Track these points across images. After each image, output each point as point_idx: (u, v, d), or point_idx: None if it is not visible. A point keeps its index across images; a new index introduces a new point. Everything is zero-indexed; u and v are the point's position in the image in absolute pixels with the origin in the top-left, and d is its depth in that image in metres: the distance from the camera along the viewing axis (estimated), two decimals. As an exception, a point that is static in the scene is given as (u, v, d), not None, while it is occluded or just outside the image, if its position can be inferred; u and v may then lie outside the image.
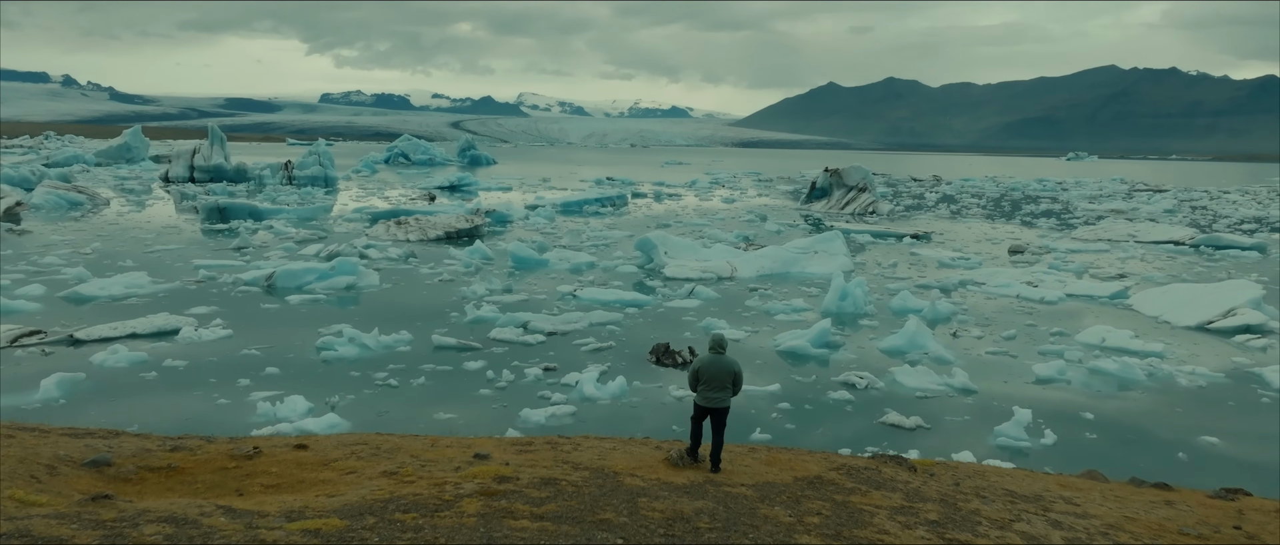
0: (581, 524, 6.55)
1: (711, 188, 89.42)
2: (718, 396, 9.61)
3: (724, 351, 9.58)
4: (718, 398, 9.61)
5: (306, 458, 8.50)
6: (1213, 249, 41.88)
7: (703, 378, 9.54)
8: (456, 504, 6.79)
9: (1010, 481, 8.58)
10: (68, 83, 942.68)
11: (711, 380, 9.59)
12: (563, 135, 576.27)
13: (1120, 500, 7.99)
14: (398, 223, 40.48)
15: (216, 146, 77.36)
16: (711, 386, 9.60)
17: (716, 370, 9.63)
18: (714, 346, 9.32)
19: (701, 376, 9.40)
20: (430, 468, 7.99)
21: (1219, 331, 22.64)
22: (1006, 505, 7.77)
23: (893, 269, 33.90)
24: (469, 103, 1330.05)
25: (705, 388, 9.61)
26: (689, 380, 9.45)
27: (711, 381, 9.59)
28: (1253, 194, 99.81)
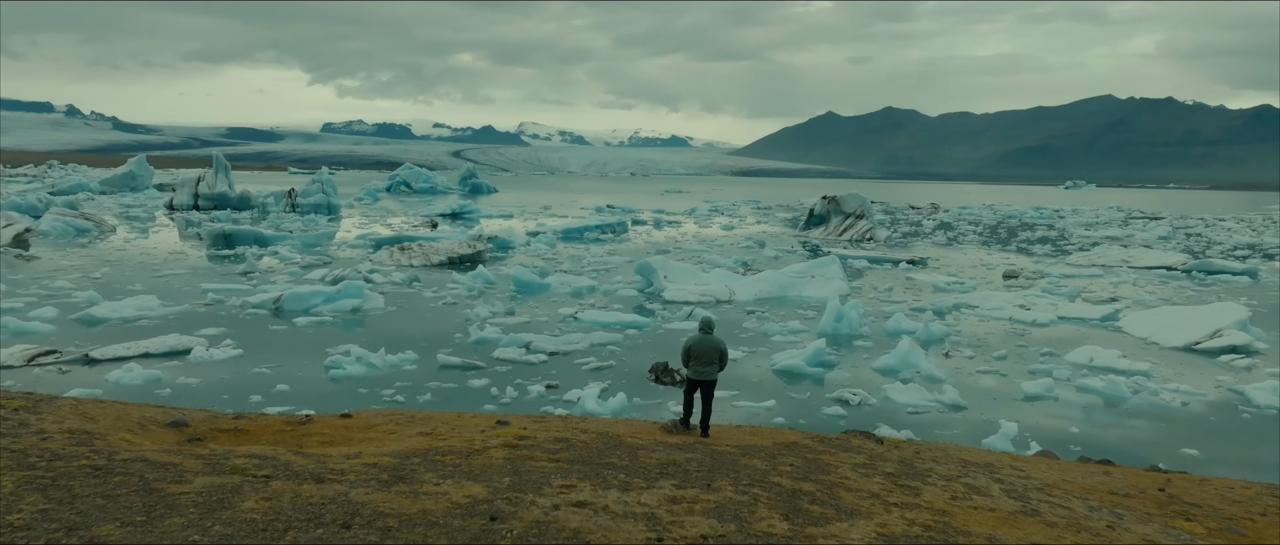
0: (590, 465, 8.02)
1: (711, 215, 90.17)
2: (707, 370, 10.96)
3: (712, 332, 10.97)
4: (706, 371, 10.96)
5: (352, 423, 10.03)
6: (1204, 274, 42.48)
7: (694, 354, 10.84)
8: (485, 452, 8.31)
9: (967, 455, 9.75)
10: (71, 112, 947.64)
11: (701, 356, 10.89)
12: (563, 164, 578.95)
13: (1063, 470, 8.80)
14: (401, 248, 41.09)
15: (221, 175, 78.16)
16: (701, 361, 10.90)
17: (705, 348, 10.96)
18: (703, 327, 10.77)
19: (692, 353, 10.77)
20: (459, 430, 9.46)
21: (1205, 352, 23.17)
22: (958, 467, 9.03)
23: (888, 293, 34.46)
24: (470, 132, 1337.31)
25: (696, 363, 10.91)
26: (681, 357, 10.89)
27: (701, 357, 10.90)
28: (1248, 221, 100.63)
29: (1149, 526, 7.30)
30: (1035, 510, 7.58)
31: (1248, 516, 7.85)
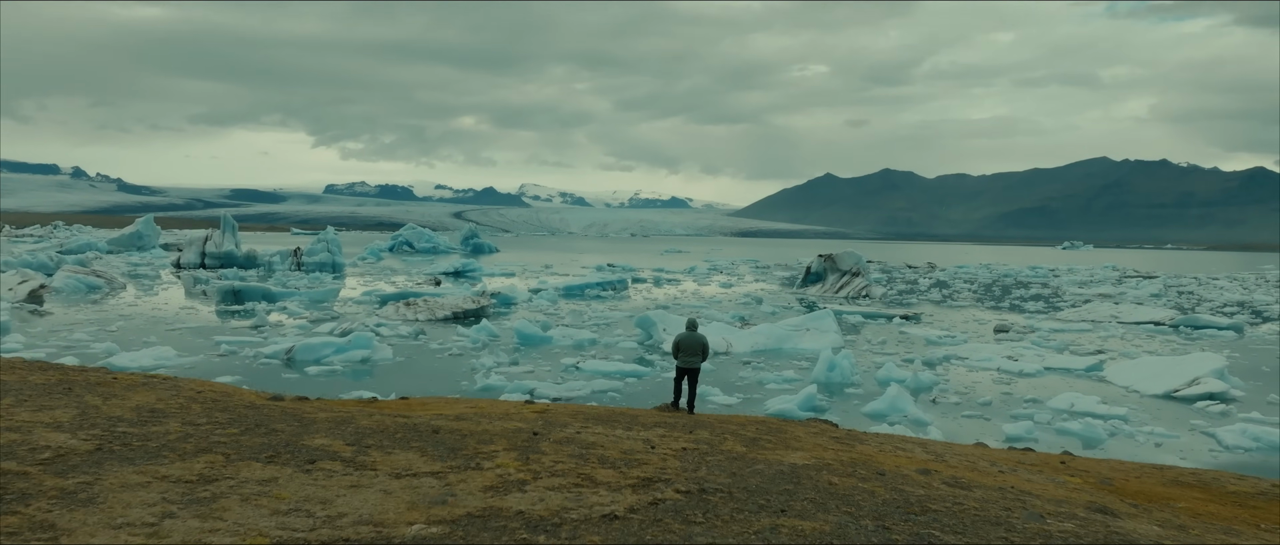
0: (601, 420, 10.88)
1: (710, 274, 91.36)
2: (692, 360, 13.78)
3: (696, 330, 13.91)
4: (692, 361, 13.79)
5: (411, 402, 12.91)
6: (1191, 329, 43.45)
7: (682, 347, 13.69)
8: (518, 415, 11.05)
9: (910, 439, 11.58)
10: (77, 174, 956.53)
11: (688, 349, 13.70)
12: (564, 225, 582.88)
13: (987, 450, 10.03)
14: (407, 304, 42.14)
15: (228, 234, 79.59)
16: (688, 353, 13.71)
17: (691, 342, 13.81)
18: (689, 326, 13.54)
19: (680, 347, 13.65)
20: (497, 406, 12.40)
21: (1183, 399, 24.08)
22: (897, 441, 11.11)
23: (882, 345, 35.41)
24: (472, 193, 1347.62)
25: (684, 354, 13.75)
26: (671, 350, 13.78)
27: (688, 349, 13.71)
28: (1241, 281, 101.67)
29: (1038, 476, 8.94)
30: (943, 459, 9.78)
31: (1123, 477, 9.69)
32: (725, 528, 6.42)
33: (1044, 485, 9.18)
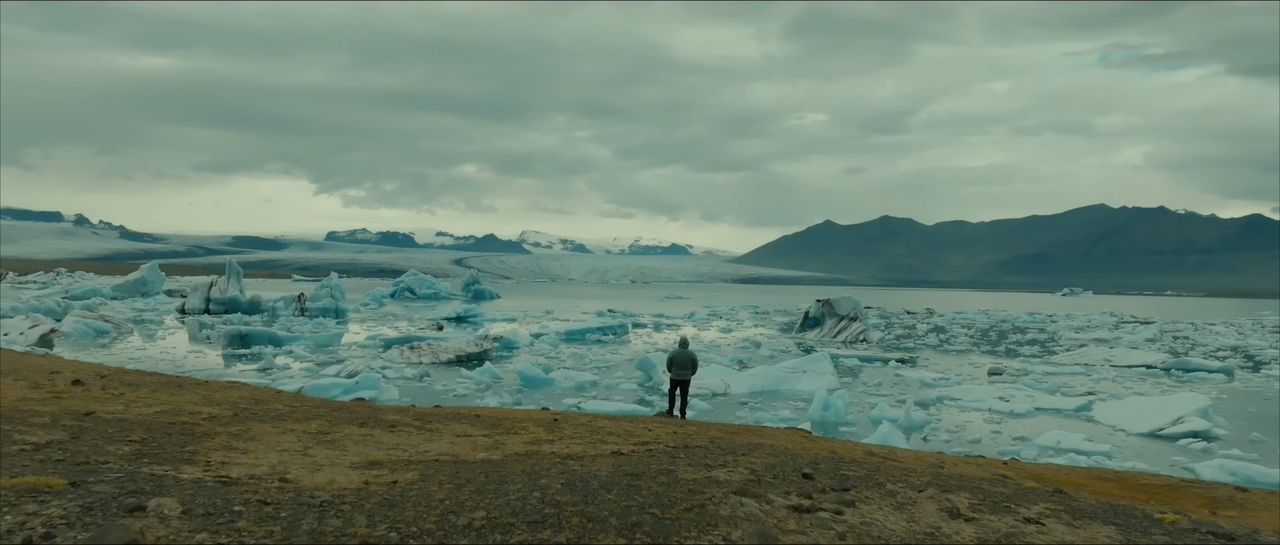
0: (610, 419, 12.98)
1: (709, 319, 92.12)
2: (683, 373, 15.99)
3: (687, 347, 16.04)
4: (683, 373, 16.00)
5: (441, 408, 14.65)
6: (1182, 371, 44.14)
7: (674, 362, 16.03)
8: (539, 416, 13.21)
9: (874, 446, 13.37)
10: (80, 221, 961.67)
11: (679, 363, 15.95)
12: (564, 272, 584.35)
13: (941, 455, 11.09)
14: (411, 347, 42.91)
15: (232, 280, 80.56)
16: (680, 366, 15.97)
17: (682, 357, 16.07)
18: (681, 343, 15.93)
19: (673, 361, 15.94)
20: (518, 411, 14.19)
21: (1167, 437, 24.77)
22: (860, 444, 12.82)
23: (877, 387, 36.12)
24: (472, 240, 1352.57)
25: (676, 368, 16.05)
26: (666, 364, 16.19)
27: (679, 363, 15.97)
28: (1237, 326, 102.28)
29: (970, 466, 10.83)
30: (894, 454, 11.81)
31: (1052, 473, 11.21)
32: (698, 461, 8.88)
33: (969, 466, 10.85)
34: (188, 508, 5.84)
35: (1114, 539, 7.12)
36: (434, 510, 6.37)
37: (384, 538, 5.68)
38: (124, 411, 10.50)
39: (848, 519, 6.99)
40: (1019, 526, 7.26)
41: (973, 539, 6.82)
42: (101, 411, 10.43)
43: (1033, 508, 7.96)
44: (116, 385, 13.36)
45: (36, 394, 11.67)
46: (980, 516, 7.47)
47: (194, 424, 9.81)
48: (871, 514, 7.24)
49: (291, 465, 7.84)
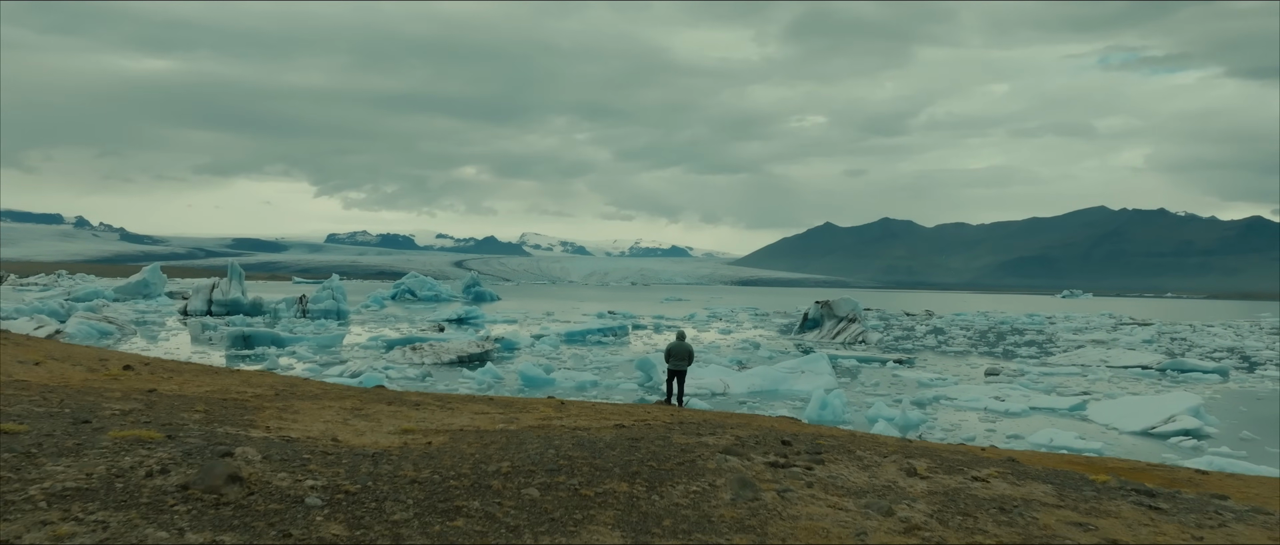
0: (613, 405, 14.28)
1: (709, 321, 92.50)
2: (680, 363, 17.73)
3: (684, 339, 17.74)
4: (680, 364, 17.75)
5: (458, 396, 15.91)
6: (1177, 372, 44.52)
7: (672, 353, 17.83)
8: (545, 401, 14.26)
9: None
10: (80, 224, 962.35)
11: (677, 354, 17.73)
12: (564, 274, 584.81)
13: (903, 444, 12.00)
14: (413, 348, 43.30)
15: (234, 282, 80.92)
16: (677, 358, 17.74)
17: (679, 349, 17.81)
18: (678, 336, 17.53)
19: (671, 353, 17.75)
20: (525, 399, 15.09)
21: (1158, 435, 25.16)
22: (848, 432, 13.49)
23: (875, 388, 36.51)
24: (473, 242, 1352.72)
25: (673, 359, 17.83)
26: (664, 355, 17.82)
27: (677, 355, 17.75)
28: (1235, 328, 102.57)
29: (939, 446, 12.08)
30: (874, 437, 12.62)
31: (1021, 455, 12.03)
32: (691, 431, 10.11)
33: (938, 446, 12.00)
34: (266, 455, 7.16)
35: (1047, 494, 8.24)
36: (467, 461, 7.68)
37: (429, 478, 7.02)
38: (180, 389, 12.21)
39: (817, 473, 8.31)
40: (966, 483, 8.44)
41: (924, 491, 8.08)
42: (162, 389, 12.17)
43: (983, 471, 9.07)
44: (161, 371, 15.11)
45: (97, 376, 13.18)
46: (934, 475, 8.66)
47: (243, 400, 11.15)
48: (838, 471, 8.50)
49: (338, 431, 9.08)
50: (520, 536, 6.02)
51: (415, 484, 6.83)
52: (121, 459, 6.67)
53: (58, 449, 6.92)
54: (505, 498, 6.76)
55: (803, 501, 7.38)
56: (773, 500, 7.31)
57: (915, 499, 7.75)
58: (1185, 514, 8.15)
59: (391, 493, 6.58)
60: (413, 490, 6.69)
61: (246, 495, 6.16)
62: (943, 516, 7.31)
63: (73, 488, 5.96)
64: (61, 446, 7.00)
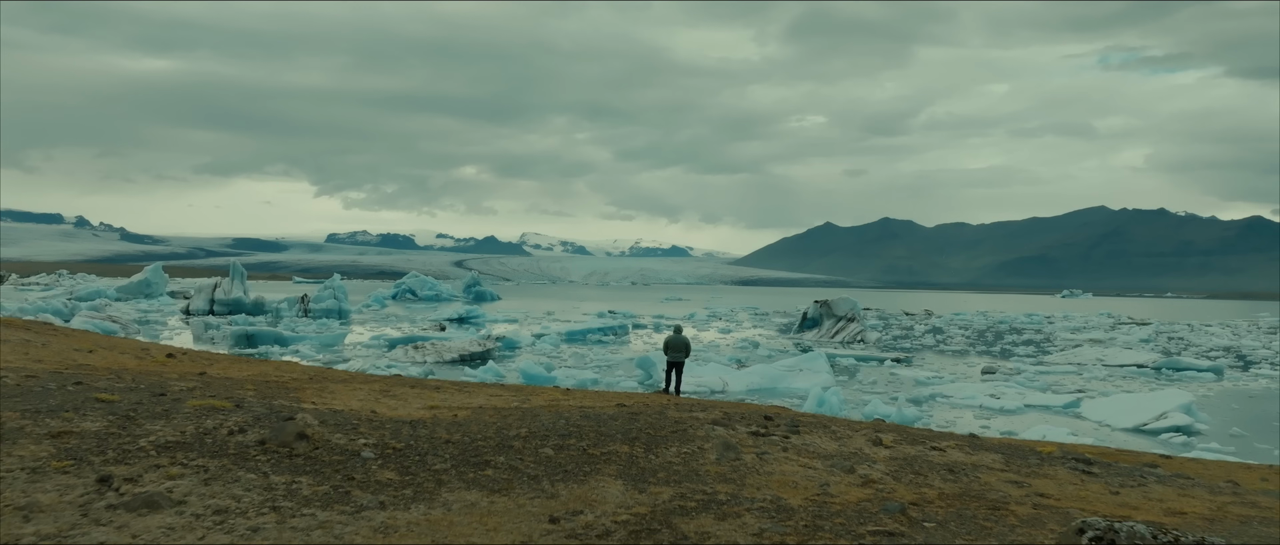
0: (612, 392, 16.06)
1: (709, 320, 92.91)
2: (678, 356, 19.24)
3: (681, 333, 19.41)
4: (677, 356, 19.25)
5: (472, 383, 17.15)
6: (1172, 371, 44.92)
7: (670, 346, 19.34)
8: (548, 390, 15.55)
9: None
10: (80, 223, 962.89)
11: (674, 347, 19.24)
12: (565, 273, 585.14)
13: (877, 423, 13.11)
14: (415, 347, 43.73)
15: (236, 281, 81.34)
16: (674, 350, 19.24)
17: (677, 342, 19.29)
18: (675, 330, 18.77)
19: (669, 346, 19.22)
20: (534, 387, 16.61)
21: (1150, 432, 25.57)
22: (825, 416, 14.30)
23: (872, 386, 36.91)
24: (473, 242, 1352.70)
25: (671, 352, 19.30)
26: (663, 348, 19.41)
27: (674, 348, 19.25)
28: (1233, 327, 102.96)
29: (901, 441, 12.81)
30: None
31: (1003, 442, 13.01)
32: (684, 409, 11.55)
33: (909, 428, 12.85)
34: (322, 421, 8.55)
35: (996, 461, 9.27)
36: (490, 428, 9.13)
37: (460, 440, 8.49)
38: (225, 373, 13.40)
39: (793, 441, 9.68)
40: (925, 452, 9.64)
41: (885, 457, 9.29)
42: (211, 372, 13.56)
43: (943, 444, 10.20)
44: (200, 360, 16.61)
45: (146, 362, 14.70)
46: (897, 446, 9.94)
47: (283, 382, 12.46)
48: (811, 440, 9.86)
49: (373, 406, 10.38)
50: (540, 483, 7.35)
51: (449, 444, 8.29)
52: (204, 421, 8.23)
53: (150, 413, 8.53)
54: (525, 455, 8.15)
55: (777, 461, 8.65)
56: (752, 460, 8.59)
57: (876, 462, 8.96)
58: (1112, 477, 9.33)
59: (431, 449, 8.05)
60: (448, 448, 8.15)
61: (313, 450, 7.67)
62: (897, 475, 8.43)
63: (173, 441, 7.56)
64: (153, 412, 8.61)
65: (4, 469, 6.59)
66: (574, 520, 6.55)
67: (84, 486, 6.43)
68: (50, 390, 9.58)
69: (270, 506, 6.42)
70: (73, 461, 6.84)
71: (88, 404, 8.75)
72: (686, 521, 6.63)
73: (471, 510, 6.66)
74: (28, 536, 5.58)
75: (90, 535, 5.68)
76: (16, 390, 9.38)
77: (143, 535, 5.73)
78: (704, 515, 6.80)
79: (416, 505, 6.68)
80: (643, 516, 6.72)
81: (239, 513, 6.25)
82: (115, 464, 6.90)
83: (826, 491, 7.60)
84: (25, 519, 5.81)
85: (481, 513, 6.63)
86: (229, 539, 5.80)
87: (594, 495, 7.18)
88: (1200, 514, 7.76)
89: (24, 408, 8.34)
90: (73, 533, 5.68)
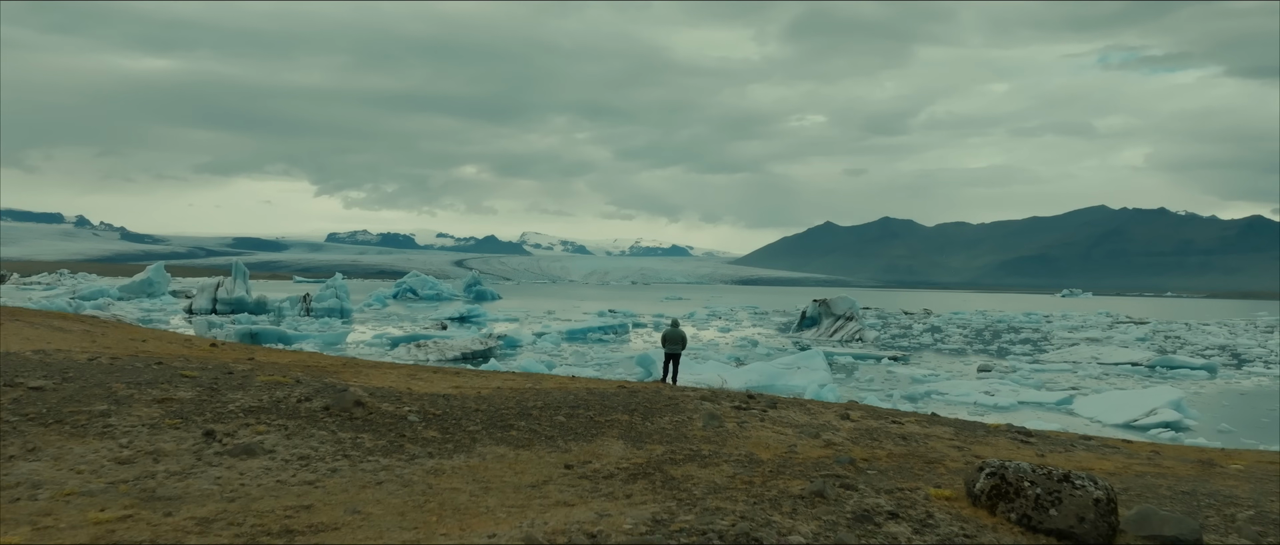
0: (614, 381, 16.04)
1: (709, 319, 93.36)
2: (675, 348, 20.51)
3: (678, 326, 20.69)
4: (674, 348, 20.51)
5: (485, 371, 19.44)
6: (1166, 369, 45.39)
7: (667, 339, 20.61)
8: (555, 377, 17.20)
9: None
10: (81, 223, 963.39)
11: (671, 340, 20.52)
12: (565, 273, 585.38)
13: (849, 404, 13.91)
14: (417, 345, 44.21)
15: (239, 280, 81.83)
16: (671, 343, 20.51)
17: (674, 335, 20.55)
18: (673, 324, 19.97)
19: (666, 338, 20.35)
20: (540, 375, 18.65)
21: (1139, 428, 26.01)
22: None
23: (869, 383, 37.40)
24: (473, 241, 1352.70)
25: (668, 344, 20.54)
26: (661, 341, 20.65)
27: (671, 340, 20.51)
28: (1230, 326, 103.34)
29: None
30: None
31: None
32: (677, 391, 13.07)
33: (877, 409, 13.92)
34: (371, 393, 10.27)
35: (946, 433, 10.42)
36: (510, 401, 10.87)
37: (487, 409, 10.24)
38: (269, 359, 14.79)
39: (770, 414, 11.25)
40: (885, 425, 11.01)
41: (850, 427, 10.71)
42: (259, 357, 15.17)
43: (903, 419, 11.51)
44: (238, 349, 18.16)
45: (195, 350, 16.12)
46: (862, 420, 11.41)
47: (321, 366, 13.89)
48: (787, 414, 11.42)
49: (407, 385, 11.97)
50: (555, 442, 8.94)
51: (478, 412, 10.02)
52: (275, 393, 9.91)
53: (228, 386, 10.29)
54: (542, 421, 9.82)
55: (755, 429, 10.16)
56: (733, 427, 10.14)
57: (840, 430, 10.37)
58: (1044, 444, 10.60)
59: (463, 415, 9.76)
60: (477, 415, 9.83)
61: (368, 414, 9.37)
62: (856, 440, 9.79)
63: (254, 406, 9.29)
64: (230, 384, 10.35)
65: (128, 425, 8.18)
66: (584, 467, 7.91)
67: (193, 439, 8.04)
68: (139, 368, 11.42)
69: (342, 455, 7.93)
70: (180, 420, 8.56)
71: (176, 378, 10.55)
72: (675, 468, 7.90)
73: (501, 460, 8.10)
74: (160, 473, 7.07)
75: (207, 473, 7.20)
76: (113, 367, 11.20)
77: (247, 474, 7.23)
78: (689, 464, 8.07)
79: (457, 455, 8.17)
80: (639, 465, 7.99)
81: (318, 459, 7.76)
82: (214, 422, 8.60)
83: (793, 450, 8.86)
84: (155, 460, 7.40)
85: (509, 461, 8.05)
86: (314, 476, 7.25)
87: (600, 450, 8.58)
88: (1104, 470, 8.81)
89: (127, 381, 10.05)
90: (194, 471, 7.22)
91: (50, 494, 6.46)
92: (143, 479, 6.90)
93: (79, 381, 9.84)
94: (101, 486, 6.69)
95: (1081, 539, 5.78)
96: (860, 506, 6.18)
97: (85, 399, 8.95)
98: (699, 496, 6.65)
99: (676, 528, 5.45)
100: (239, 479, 7.05)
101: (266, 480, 7.07)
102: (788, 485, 6.95)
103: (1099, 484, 6.12)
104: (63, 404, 8.70)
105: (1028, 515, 6.00)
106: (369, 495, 6.77)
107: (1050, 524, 5.90)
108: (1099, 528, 5.82)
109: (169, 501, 6.46)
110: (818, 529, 5.64)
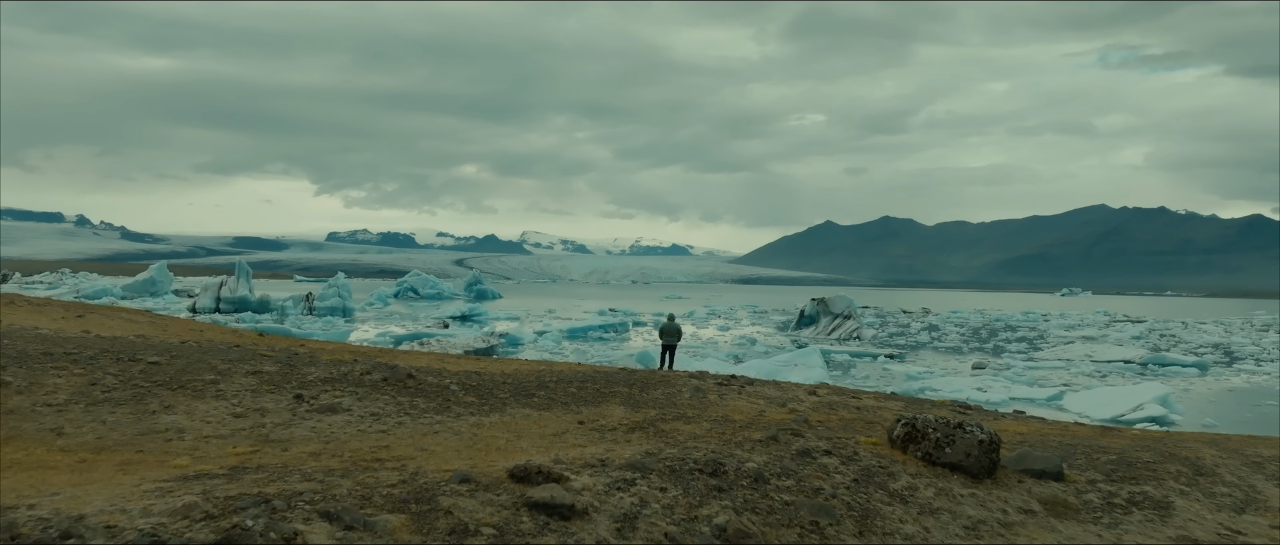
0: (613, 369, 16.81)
1: (708, 318, 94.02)
2: (671, 339, 22.87)
3: (674, 320, 22.54)
4: (671, 340, 22.90)
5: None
6: (1158, 367, 46.06)
7: (664, 331, 22.82)
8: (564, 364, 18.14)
9: None
10: (81, 222, 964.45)
11: (668, 332, 22.92)
12: (565, 272, 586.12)
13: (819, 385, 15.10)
14: (420, 344, 44.84)
15: (242, 279, 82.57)
16: (668, 335, 22.91)
17: (670, 328, 23.00)
18: (669, 318, 22.17)
19: (663, 330, 22.61)
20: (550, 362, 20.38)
21: (1126, 422, 26.63)
22: None
23: (865, 380, 38.04)
24: (473, 240, 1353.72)
25: (665, 336, 22.98)
26: (658, 333, 22.91)
27: (668, 333, 22.92)
28: (1227, 325, 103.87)
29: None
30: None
31: None
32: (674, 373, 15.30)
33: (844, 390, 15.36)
34: (418, 371, 12.24)
35: (898, 407, 11.76)
36: (530, 376, 13.03)
37: (512, 382, 12.29)
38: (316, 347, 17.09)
39: (747, 390, 13.00)
40: (846, 399, 12.66)
41: (814, 400, 12.35)
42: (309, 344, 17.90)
43: (864, 398, 13.04)
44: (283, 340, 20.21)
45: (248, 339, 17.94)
46: (826, 396, 12.94)
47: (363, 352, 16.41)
48: (762, 390, 13.23)
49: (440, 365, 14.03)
50: (569, 406, 11.01)
51: (505, 384, 12.10)
52: (340, 368, 11.76)
53: (302, 362, 12.18)
54: (557, 391, 11.96)
55: (733, 399, 12.15)
56: (714, 398, 12.15)
57: (804, 402, 12.18)
58: (979, 414, 12.31)
59: (494, 386, 11.86)
60: (505, 386, 11.90)
61: (418, 384, 11.42)
62: (816, 409, 11.47)
63: (327, 377, 11.10)
64: (303, 361, 12.34)
65: (235, 390, 10.20)
66: (594, 423, 9.97)
67: (288, 400, 9.96)
68: (223, 350, 13.28)
69: (403, 412, 9.90)
70: (273, 387, 10.43)
71: (257, 357, 12.35)
72: (665, 424, 9.81)
73: (528, 418, 10.21)
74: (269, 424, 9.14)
75: (303, 424, 9.15)
76: (202, 350, 13.09)
77: (334, 425, 9.18)
78: (676, 422, 10.01)
79: (493, 414, 10.25)
80: (637, 422, 10.01)
81: (386, 415, 9.75)
82: (299, 389, 10.43)
83: (762, 414, 10.78)
84: (262, 415, 9.32)
85: (534, 419, 10.15)
86: (385, 427, 9.25)
87: (605, 413, 10.63)
88: (1017, 431, 10.39)
89: (219, 360, 11.80)
90: (293, 423, 9.14)
91: (193, 437, 8.33)
92: (257, 428, 8.80)
93: (184, 358, 11.76)
94: (228, 432, 8.61)
95: (969, 470, 7.61)
96: (804, 447, 7.88)
97: (195, 371, 10.83)
98: (681, 440, 8.33)
99: (663, 457, 7.14)
100: (329, 428, 8.96)
101: (350, 429, 9.01)
102: (751, 435, 8.52)
103: (985, 431, 7.89)
104: (180, 374, 10.59)
105: (929, 453, 7.81)
106: (430, 440, 8.64)
107: (944, 459, 7.71)
108: (981, 461, 7.64)
109: (282, 443, 8.28)
110: (768, 460, 7.37)
